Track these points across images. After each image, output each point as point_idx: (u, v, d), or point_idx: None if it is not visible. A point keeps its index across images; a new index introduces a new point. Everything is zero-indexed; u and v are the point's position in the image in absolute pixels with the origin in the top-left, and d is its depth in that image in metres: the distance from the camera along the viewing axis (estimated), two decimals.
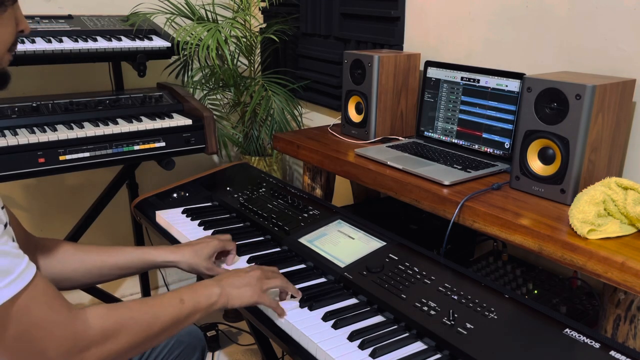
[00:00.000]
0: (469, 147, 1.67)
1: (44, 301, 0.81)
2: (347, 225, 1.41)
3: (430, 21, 1.90)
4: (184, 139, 2.02)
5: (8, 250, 0.79)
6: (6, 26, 0.88)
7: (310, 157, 1.80)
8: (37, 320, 0.79)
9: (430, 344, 1.01)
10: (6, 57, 0.90)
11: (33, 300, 0.79)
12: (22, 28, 0.92)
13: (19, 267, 0.79)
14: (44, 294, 0.81)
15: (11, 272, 0.77)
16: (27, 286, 0.78)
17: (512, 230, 1.21)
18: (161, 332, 0.95)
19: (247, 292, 1.07)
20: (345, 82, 1.89)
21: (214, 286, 1.05)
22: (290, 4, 2.45)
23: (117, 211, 2.56)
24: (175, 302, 0.98)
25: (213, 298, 1.03)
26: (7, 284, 0.76)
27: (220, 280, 1.07)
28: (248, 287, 1.08)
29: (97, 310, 0.87)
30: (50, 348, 0.80)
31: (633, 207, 1.14)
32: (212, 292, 1.03)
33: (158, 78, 2.46)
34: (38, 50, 1.87)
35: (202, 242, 1.27)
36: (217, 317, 2.52)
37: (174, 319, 0.96)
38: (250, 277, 1.09)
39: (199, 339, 1.38)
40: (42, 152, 1.74)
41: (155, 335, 0.94)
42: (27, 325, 0.79)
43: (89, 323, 0.85)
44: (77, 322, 0.84)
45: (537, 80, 1.31)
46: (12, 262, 0.78)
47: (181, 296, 0.99)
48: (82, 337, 0.83)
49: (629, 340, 1.15)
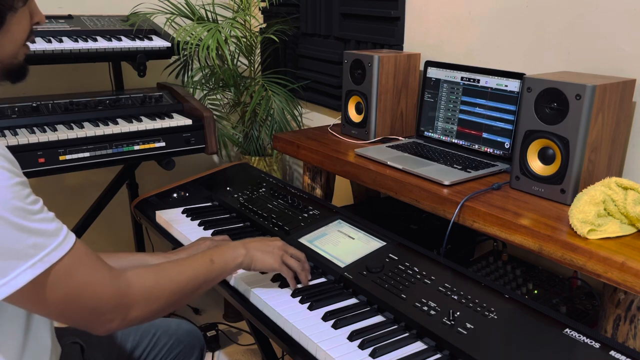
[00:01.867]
0: (469, 147, 1.67)
1: (87, 263, 0.86)
2: (347, 225, 1.41)
3: (430, 21, 1.90)
4: (184, 139, 2.02)
5: (51, 217, 0.83)
6: (20, 24, 0.89)
7: (310, 157, 1.80)
8: (83, 281, 0.85)
9: (430, 344, 1.01)
10: (22, 50, 0.92)
11: (78, 262, 0.84)
12: (38, 20, 0.93)
13: (62, 232, 0.83)
14: (86, 256, 0.86)
15: (57, 235, 0.82)
16: (71, 249, 0.83)
17: (512, 230, 1.21)
18: (194, 290, 1.02)
19: (269, 258, 1.15)
20: (345, 82, 1.89)
21: (240, 247, 1.13)
22: (290, 4, 2.45)
23: (117, 211, 2.56)
24: (206, 262, 1.06)
25: (239, 259, 1.12)
26: (55, 247, 0.81)
27: (247, 243, 1.15)
28: (271, 254, 1.16)
29: (136, 271, 0.94)
30: (98, 305, 0.87)
31: (633, 207, 1.14)
32: (239, 252, 1.12)
33: (158, 78, 2.46)
34: (38, 50, 1.87)
35: (195, 245, 1.29)
36: (217, 317, 2.52)
37: (205, 278, 1.05)
38: (273, 245, 1.18)
39: (198, 339, 1.38)
40: (42, 152, 1.74)
41: (189, 293, 1.01)
42: (75, 286, 0.84)
43: (129, 282, 0.91)
44: (120, 281, 0.89)
45: (537, 80, 1.31)
46: (57, 228, 0.83)
47: (211, 257, 1.07)
48: (125, 295, 0.89)
49: (629, 340, 1.15)
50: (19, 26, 0.89)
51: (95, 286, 0.86)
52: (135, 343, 1.28)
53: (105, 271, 0.88)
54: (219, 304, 2.60)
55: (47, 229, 0.81)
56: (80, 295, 0.84)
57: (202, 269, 1.04)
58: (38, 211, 0.80)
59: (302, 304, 1.14)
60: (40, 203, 0.82)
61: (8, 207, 0.76)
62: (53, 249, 0.80)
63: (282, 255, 1.17)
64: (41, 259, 0.79)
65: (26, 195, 0.79)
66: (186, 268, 1.02)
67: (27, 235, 0.78)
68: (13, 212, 0.76)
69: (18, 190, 0.78)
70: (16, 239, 0.76)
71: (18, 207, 0.77)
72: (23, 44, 0.92)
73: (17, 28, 0.88)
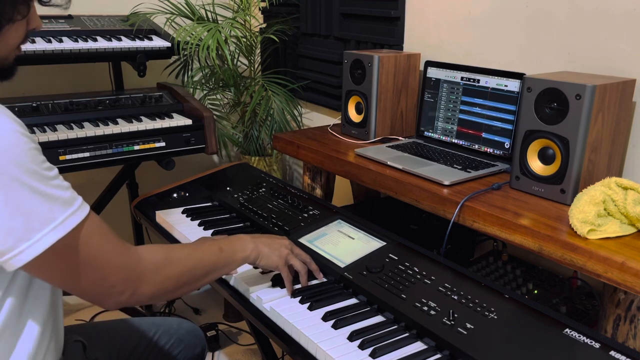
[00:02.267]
0: (469, 147, 1.67)
1: (101, 233, 0.88)
2: (347, 225, 1.41)
3: (430, 21, 1.90)
4: (184, 139, 2.02)
5: (68, 185, 0.85)
6: (17, 31, 0.89)
7: (310, 157, 1.80)
8: (97, 249, 0.86)
9: (430, 344, 1.01)
10: (14, 52, 0.92)
11: (92, 230, 0.86)
12: (34, 26, 0.94)
13: (78, 199, 0.85)
14: (100, 226, 0.88)
15: (74, 203, 0.84)
16: (86, 217, 0.85)
17: (512, 230, 1.21)
18: (203, 275, 1.03)
19: (275, 256, 1.15)
20: (345, 82, 1.89)
21: (249, 241, 1.14)
22: (290, 4, 2.45)
23: (117, 211, 2.56)
24: (215, 249, 1.07)
25: (247, 251, 1.12)
26: (72, 213, 0.82)
27: (255, 238, 1.16)
28: (277, 252, 1.16)
29: (147, 247, 0.96)
30: (109, 275, 0.88)
31: (633, 207, 1.14)
32: (247, 245, 1.12)
33: (158, 78, 2.46)
34: (38, 50, 1.87)
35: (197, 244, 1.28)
36: (217, 317, 2.52)
37: (213, 265, 1.05)
38: (280, 244, 1.18)
39: (199, 338, 1.38)
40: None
41: (198, 277, 1.02)
42: (90, 253, 0.85)
43: (140, 256, 0.93)
44: (131, 254, 0.91)
45: (537, 80, 1.31)
46: (73, 196, 0.84)
47: (220, 245, 1.09)
48: (135, 268, 0.91)
49: (629, 340, 1.15)
50: (16, 33, 0.89)
51: (109, 255, 0.87)
52: (136, 342, 1.28)
53: (119, 243, 0.90)
54: (219, 304, 2.60)
55: (62, 195, 0.82)
56: (93, 263, 0.86)
57: (211, 256, 1.05)
58: (54, 177, 0.82)
59: (302, 304, 1.14)
60: (56, 170, 0.84)
61: (25, 169, 0.77)
62: (71, 214, 0.82)
63: (288, 255, 1.17)
64: (62, 222, 0.80)
65: (42, 160, 0.81)
66: (196, 252, 1.04)
67: (45, 199, 0.79)
68: (31, 176, 0.77)
69: (35, 155, 0.79)
70: (35, 203, 0.78)
71: (35, 171, 0.78)
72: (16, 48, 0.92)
73: (14, 35, 0.89)
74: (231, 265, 1.10)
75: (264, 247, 1.14)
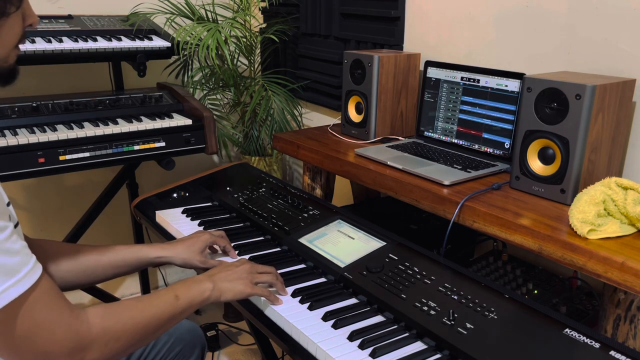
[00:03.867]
0: (469, 147, 1.67)
1: (47, 302, 0.82)
2: (347, 225, 1.41)
3: (430, 21, 1.90)
4: (184, 139, 2.02)
5: (17, 250, 0.79)
6: (12, 28, 0.87)
7: (310, 157, 1.80)
8: (40, 321, 0.80)
9: (430, 344, 1.01)
10: (13, 52, 0.90)
11: (37, 300, 0.80)
12: (31, 22, 0.91)
13: (26, 267, 0.79)
14: (48, 294, 0.82)
15: (19, 271, 0.78)
16: (33, 286, 0.79)
17: (512, 230, 1.21)
18: (158, 328, 0.98)
19: (239, 285, 1.11)
20: (345, 82, 1.89)
21: (207, 281, 1.08)
22: (290, 4, 2.45)
23: (117, 211, 2.56)
24: (171, 299, 1.01)
25: (206, 293, 1.06)
26: (14, 283, 0.77)
27: (212, 276, 1.10)
28: (240, 281, 1.11)
29: (96, 310, 0.89)
30: (53, 348, 0.82)
31: (633, 207, 1.14)
32: (205, 287, 1.07)
33: (158, 78, 2.46)
34: (38, 50, 1.87)
35: (194, 237, 1.30)
36: (217, 317, 2.52)
37: (170, 316, 0.99)
38: (241, 270, 1.13)
39: (199, 337, 1.38)
40: (42, 152, 1.74)
41: (153, 332, 0.97)
42: (31, 325, 0.79)
43: (89, 323, 0.86)
44: (79, 323, 0.85)
45: (537, 80, 1.31)
46: (21, 262, 0.79)
47: (176, 292, 1.02)
48: (83, 337, 0.85)
49: (629, 340, 1.15)
50: (11, 30, 0.86)
51: (54, 326, 0.81)
52: None
53: (66, 311, 0.84)
54: (219, 304, 2.60)
55: (7, 262, 0.76)
56: (35, 336, 0.80)
57: (167, 307, 0.99)
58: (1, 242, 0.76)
59: (302, 304, 1.14)
60: (7, 232, 0.78)
61: None
62: (12, 285, 0.76)
63: (253, 277, 1.13)
64: None
65: None
66: (150, 306, 0.97)
67: None
68: None
69: None
70: None
71: None
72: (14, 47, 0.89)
73: (9, 32, 0.86)
74: (190, 310, 1.04)
75: (223, 282, 1.09)
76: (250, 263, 1.17)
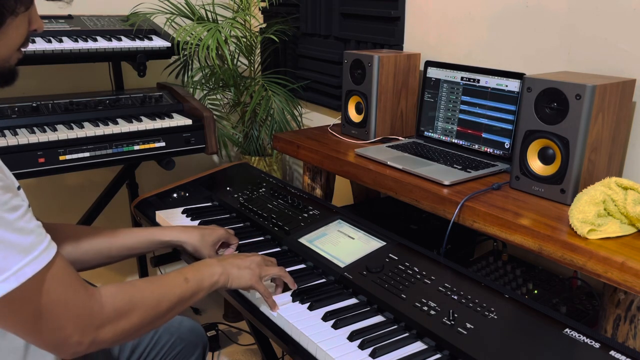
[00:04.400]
0: (469, 147, 1.67)
1: (62, 280, 0.83)
2: (347, 225, 1.41)
3: (430, 21, 1.90)
4: (184, 139, 2.02)
5: (32, 228, 0.80)
6: (18, 29, 0.88)
7: (310, 157, 1.80)
8: (55, 299, 0.81)
9: (430, 344, 1.01)
10: (15, 55, 0.91)
11: (53, 278, 0.81)
12: (36, 27, 0.92)
13: (41, 245, 0.80)
14: (63, 273, 0.83)
15: (34, 249, 0.79)
16: (48, 265, 0.80)
17: (512, 230, 1.21)
18: (168, 310, 0.98)
19: (247, 274, 1.11)
20: (345, 82, 1.89)
21: (216, 265, 1.09)
22: (290, 4, 2.45)
23: (117, 211, 2.56)
24: (181, 281, 1.02)
25: (215, 277, 1.07)
26: (29, 262, 0.78)
27: (223, 260, 1.11)
28: (248, 270, 1.12)
29: (109, 290, 0.90)
30: (68, 325, 0.83)
31: (633, 207, 1.14)
32: (215, 270, 1.08)
33: (158, 78, 2.46)
34: (38, 50, 1.87)
35: (210, 228, 1.32)
36: (217, 317, 2.52)
37: (179, 298, 1.00)
38: (251, 261, 1.14)
39: (201, 337, 1.38)
40: (42, 152, 1.74)
41: (163, 313, 0.97)
42: (47, 303, 0.80)
43: (102, 302, 0.87)
44: (93, 301, 0.86)
45: (537, 80, 1.31)
46: (36, 240, 0.80)
47: (186, 275, 1.03)
48: (97, 315, 0.86)
49: (629, 340, 1.15)
50: (17, 31, 0.87)
51: (69, 304, 0.83)
52: (136, 341, 1.28)
53: (81, 289, 0.85)
54: (219, 304, 2.60)
55: (22, 242, 0.77)
56: (52, 313, 0.81)
57: (177, 288, 1.00)
58: (17, 219, 0.77)
59: (302, 304, 1.14)
60: (21, 211, 0.79)
61: None
62: (27, 263, 0.77)
63: (260, 270, 1.13)
64: (15, 272, 0.76)
65: (4, 201, 0.76)
66: (160, 287, 0.98)
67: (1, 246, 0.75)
68: None
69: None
70: None
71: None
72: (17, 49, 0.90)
73: (15, 32, 0.87)
74: (200, 294, 1.05)
75: (232, 268, 1.10)
76: (261, 256, 1.18)
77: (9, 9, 0.84)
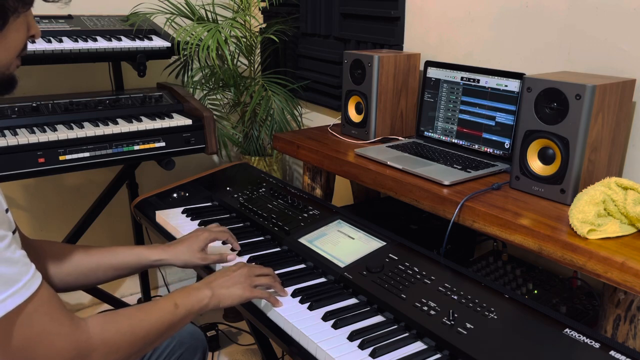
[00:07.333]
0: (469, 147, 1.67)
1: (47, 311, 0.81)
2: (347, 225, 1.41)
3: (430, 21, 1.90)
4: (184, 139, 2.02)
5: (16, 259, 0.79)
6: (18, 32, 0.88)
7: (310, 157, 1.80)
8: (40, 331, 0.80)
9: (430, 344, 1.01)
10: (15, 62, 0.91)
11: (37, 310, 0.79)
12: (33, 33, 0.92)
13: (25, 276, 0.79)
14: (47, 304, 0.81)
15: (18, 281, 0.77)
16: (31, 296, 0.78)
17: (512, 230, 1.21)
18: (158, 337, 0.98)
19: (237, 290, 1.11)
20: (345, 82, 1.89)
21: (205, 289, 1.08)
22: (290, 4, 2.45)
23: (117, 211, 2.56)
24: (170, 307, 1.01)
25: (205, 301, 1.06)
26: (12, 294, 0.76)
27: (210, 283, 1.10)
28: (238, 285, 1.11)
29: (97, 320, 0.88)
30: (54, 357, 0.81)
31: (633, 207, 1.14)
32: (204, 294, 1.07)
33: (158, 78, 2.46)
34: (38, 50, 1.87)
35: (192, 236, 1.29)
36: (217, 317, 2.52)
37: (169, 324, 0.99)
38: (238, 275, 1.13)
39: (201, 340, 1.38)
40: (42, 152, 1.74)
41: (152, 341, 0.97)
42: (30, 335, 0.79)
43: (89, 333, 0.86)
44: (79, 333, 0.84)
45: (537, 80, 1.31)
46: (20, 271, 0.78)
47: (175, 300, 1.02)
48: (83, 348, 0.84)
49: (629, 340, 1.15)
50: (17, 34, 0.87)
51: (53, 337, 0.81)
52: None
53: (66, 321, 0.83)
54: None
55: (5, 272, 0.76)
56: (36, 346, 0.79)
57: (166, 315, 0.99)
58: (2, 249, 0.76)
59: (302, 304, 1.14)
60: (6, 241, 0.77)
61: None
62: (10, 295, 0.75)
63: (252, 281, 1.13)
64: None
65: None
66: (149, 315, 0.97)
67: None
68: None
69: None
70: None
71: None
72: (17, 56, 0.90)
73: (15, 36, 0.87)
74: (189, 318, 1.05)
75: (221, 289, 1.09)
76: (248, 266, 1.17)
77: (10, 8, 0.83)
